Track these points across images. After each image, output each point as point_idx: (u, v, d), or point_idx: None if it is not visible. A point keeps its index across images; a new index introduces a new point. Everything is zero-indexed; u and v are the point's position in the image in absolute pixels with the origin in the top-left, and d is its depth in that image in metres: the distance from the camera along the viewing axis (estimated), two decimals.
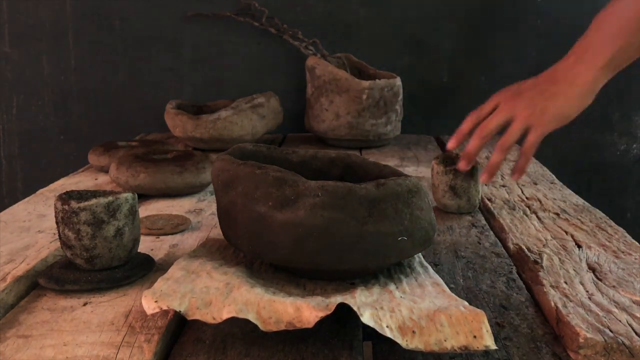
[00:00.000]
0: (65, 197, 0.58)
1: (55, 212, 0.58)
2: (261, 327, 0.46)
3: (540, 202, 0.88)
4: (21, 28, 1.47)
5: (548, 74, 0.81)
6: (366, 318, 0.46)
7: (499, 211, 0.84)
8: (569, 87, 0.77)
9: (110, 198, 0.57)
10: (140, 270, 0.60)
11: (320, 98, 1.28)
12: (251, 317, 0.47)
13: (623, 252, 0.68)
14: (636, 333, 0.49)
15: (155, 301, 0.48)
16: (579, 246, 0.70)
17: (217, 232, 0.74)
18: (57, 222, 0.58)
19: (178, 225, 0.76)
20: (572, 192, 0.94)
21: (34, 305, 0.55)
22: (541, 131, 0.77)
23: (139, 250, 0.62)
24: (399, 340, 0.45)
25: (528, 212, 0.84)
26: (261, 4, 1.43)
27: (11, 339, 0.48)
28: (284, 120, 1.30)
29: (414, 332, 0.45)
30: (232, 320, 0.49)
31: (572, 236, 0.73)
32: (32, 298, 0.56)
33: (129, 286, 0.58)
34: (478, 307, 0.55)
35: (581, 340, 0.48)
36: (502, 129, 0.79)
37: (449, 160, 0.84)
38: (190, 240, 0.72)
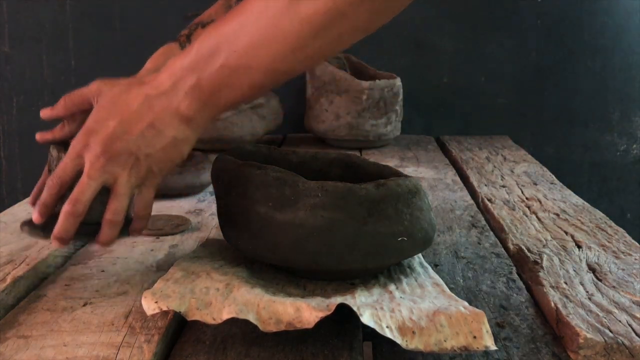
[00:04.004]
0: (61, 146, 0.57)
1: (50, 159, 0.57)
2: (261, 327, 0.46)
3: (540, 202, 0.88)
4: (21, 28, 1.47)
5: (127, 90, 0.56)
6: (366, 318, 0.46)
7: (499, 211, 0.84)
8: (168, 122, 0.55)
9: None
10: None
11: (320, 98, 1.28)
12: (251, 318, 0.47)
13: (623, 253, 0.68)
14: (636, 333, 0.49)
15: (155, 302, 0.48)
16: (579, 246, 0.70)
17: (217, 233, 0.74)
18: (49, 170, 0.57)
19: (178, 226, 0.76)
20: (572, 192, 0.94)
21: (34, 305, 0.55)
22: (155, 185, 0.57)
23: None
24: (398, 340, 0.45)
25: (528, 212, 0.84)
26: None
27: (11, 340, 0.48)
28: (284, 121, 1.30)
29: (413, 332, 0.45)
30: (232, 321, 0.49)
31: (572, 236, 0.73)
32: (32, 298, 0.56)
33: (128, 286, 0.58)
34: (478, 308, 0.55)
35: (581, 340, 0.48)
36: None
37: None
38: (190, 240, 0.72)
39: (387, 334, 0.45)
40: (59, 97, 0.64)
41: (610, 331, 0.49)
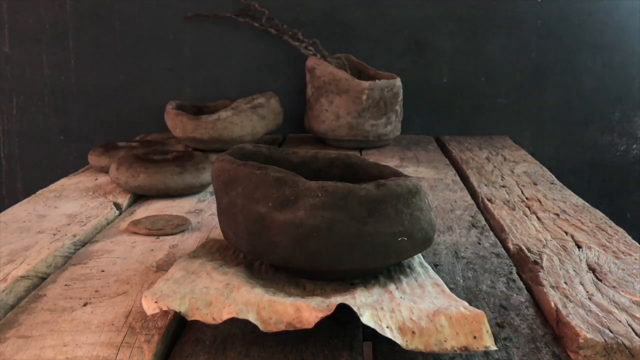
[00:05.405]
0: None
1: None
2: (261, 327, 0.46)
3: (540, 202, 0.88)
4: (21, 28, 1.47)
5: None
6: (366, 318, 0.46)
7: (499, 211, 0.84)
8: None
9: None
10: None
11: (320, 98, 1.28)
12: (251, 318, 0.47)
13: (623, 253, 0.68)
14: (636, 333, 0.49)
15: (155, 302, 0.48)
16: (579, 246, 0.70)
17: (217, 233, 0.74)
18: None
19: (178, 226, 0.76)
20: (572, 193, 0.94)
21: (34, 305, 0.55)
22: None
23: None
24: (399, 340, 0.45)
25: (528, 212, 0.84)
26: (261, 5, 1.43)
27: (11, 340, 0.48)
28: (284, 121, 1.30)
29: (414, 332, 0.45)
30: (232, 321, 0.49)
31: (572, 236, 0.73)
32: (32, 298, 0.56)
33: (128, 286, 0.58)
34: (478, 308, 0.55)
35: (581, 340, 0.48)
36: None
37: None
38: (190, 240, 0.72)
39: (387, 334, 0.45)
40: (59, 97, 0.64)
41: (610, 331, 0.49)
